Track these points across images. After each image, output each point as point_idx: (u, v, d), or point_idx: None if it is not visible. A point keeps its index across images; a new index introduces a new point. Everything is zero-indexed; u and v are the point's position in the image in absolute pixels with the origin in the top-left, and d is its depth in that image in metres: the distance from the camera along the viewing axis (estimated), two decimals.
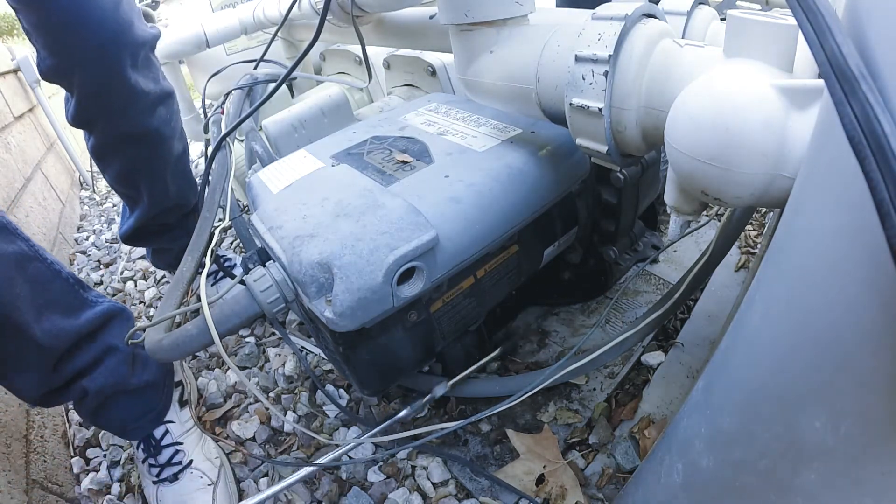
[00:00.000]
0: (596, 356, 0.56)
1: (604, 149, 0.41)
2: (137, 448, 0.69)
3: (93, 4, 0.63)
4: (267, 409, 0.64)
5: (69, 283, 0.61)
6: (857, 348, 0.20)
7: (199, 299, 0.47)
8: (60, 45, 0.64)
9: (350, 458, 0.68)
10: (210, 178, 0.69)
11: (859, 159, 0.17)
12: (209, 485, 0.64)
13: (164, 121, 0.80)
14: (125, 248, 1.39)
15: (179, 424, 0.70)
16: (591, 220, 0.65)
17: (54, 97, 2.06)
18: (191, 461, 0.67)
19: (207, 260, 0.55)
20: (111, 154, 0.80)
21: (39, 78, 1.82)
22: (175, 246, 0.94)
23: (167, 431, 0.69)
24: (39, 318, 0.55)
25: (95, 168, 2.16)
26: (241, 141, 0.85)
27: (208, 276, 0.98)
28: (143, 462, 0.68)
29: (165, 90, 0.80)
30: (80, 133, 0.82)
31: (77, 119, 0.74)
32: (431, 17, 0.74)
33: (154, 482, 0.67)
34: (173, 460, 0.67)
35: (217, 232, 0.59)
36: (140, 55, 0.71)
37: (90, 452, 0.78)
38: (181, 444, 0.68)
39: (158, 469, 0.66)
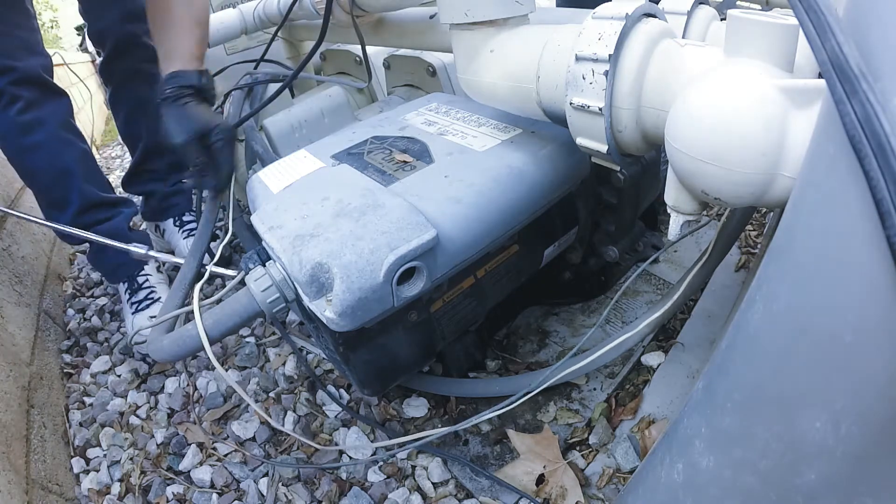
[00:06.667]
0: (596, 357, 0.56)
1: (604, 148, 0.41)
2: (125, 292, 0.98)
3: None
4: (257, 413, 0.64)
5: (104, 182, 1.00)
6: (857, 348, 0.20)
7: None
8: (98, 15, 0.98)
9: (350, 458, 0.68)
10: None
11: (859, 158, 0.17)
12: None
13: None
14: None
15: (155, 277, 1.00)
16: (592, 220, 0.65)
17: None
18: (160, 297, 0.96)
19: (211, 267, 0.55)
20: (123, 96, 1.06)
21: None
22: (158, 190, 1.16)
23: (147, 280, 0.98)
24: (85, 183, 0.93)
25: None
26: (241, 141, 0.86)
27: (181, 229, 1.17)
28: (127, 301, 0.97)
29: None
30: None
31: (104, 71, 1.04)
32: (431, 17, 0.74)
33: (132, 313, 0.94)
34: (149, 297, 0.96)
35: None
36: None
37: (90, 452, 0.78)
38: (155, 288, 0.98)
39: (137, 304, 0.95)
